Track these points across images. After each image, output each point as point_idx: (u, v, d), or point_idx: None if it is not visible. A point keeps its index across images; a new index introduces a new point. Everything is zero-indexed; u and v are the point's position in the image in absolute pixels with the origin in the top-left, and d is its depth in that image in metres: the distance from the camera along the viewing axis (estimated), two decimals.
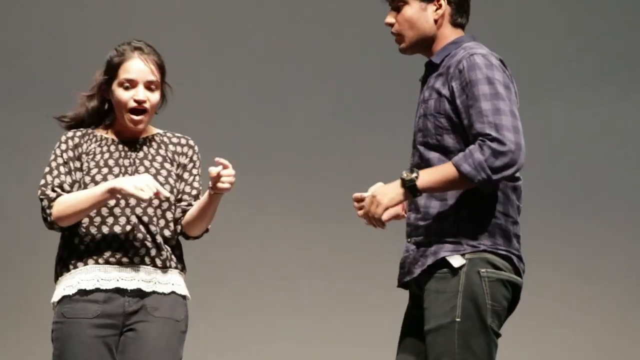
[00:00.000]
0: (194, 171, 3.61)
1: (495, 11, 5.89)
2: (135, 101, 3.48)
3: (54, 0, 5.93)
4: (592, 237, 5.94)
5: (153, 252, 3.47)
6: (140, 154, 3.55)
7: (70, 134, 3.56)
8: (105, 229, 3.45)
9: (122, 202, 3.47)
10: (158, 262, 3.48)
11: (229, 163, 3.40)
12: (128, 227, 3.45)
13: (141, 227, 3.46)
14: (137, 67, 3.49)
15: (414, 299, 3.33)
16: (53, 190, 3.45)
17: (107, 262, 3.44)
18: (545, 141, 5.87)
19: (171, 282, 3.50)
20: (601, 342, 5.87)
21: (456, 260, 3.18)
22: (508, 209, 3.24)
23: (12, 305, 5.71)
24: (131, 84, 3.49)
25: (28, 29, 5.86)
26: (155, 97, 3.52)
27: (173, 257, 3.53)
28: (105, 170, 3.49)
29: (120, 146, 3.55)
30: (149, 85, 3.50)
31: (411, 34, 3.36)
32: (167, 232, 3.51)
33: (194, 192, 3.58)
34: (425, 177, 3.15)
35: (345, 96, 6.00)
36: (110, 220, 3.46)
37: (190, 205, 3.55)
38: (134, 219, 3.46)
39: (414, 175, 3.14)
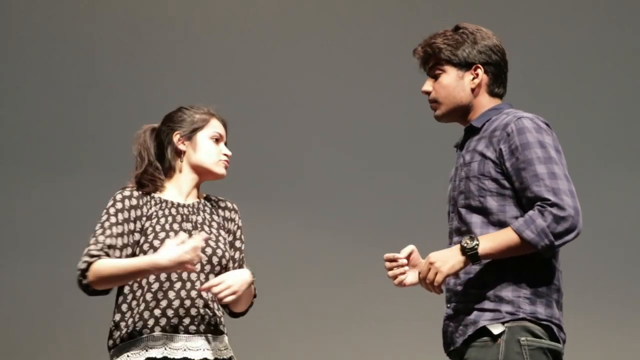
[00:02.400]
0: (243, 237, 3.66)
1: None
2: (224, 154, 3.61)
3: None
4: None
5: (213, 319, 3.46)
6: (199, 219, 3.56)
7: (127, 192, 3.53)
8: (171, 294, 3.41)
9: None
10: (218, 329, 3.47)
11: (213, 283, 3.39)
12: (193, 294, 3.43)
13: (202, 294, 3.44)
14: (221, 126, 3.65)
15: None
16: (101, 250, 3.38)
17: (175, 331, 3.40)
18: None
19: (227, 347, 3.50)
20: None
21: (496, 328, 3.16)
22: (551, 275, 3.23)
23: None
24: (220, 138, 3.62)
25: None
26: None
27: (223, 321, 3.52)
28: (172, 234, 3.46)
29: (180, 209, 3.55)
30: (225, 144, 3.67)
31: (448, 102, 3.37)
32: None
33: (242, 260, 3.65)
34: (487, 244, 3.13)
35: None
36: (177, 285, 3.42)
37: None
38: (197, 285, 3.43)
39: (475, 243, 3.13)
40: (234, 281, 3.37)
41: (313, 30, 6.15)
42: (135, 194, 3.53)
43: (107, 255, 3.39)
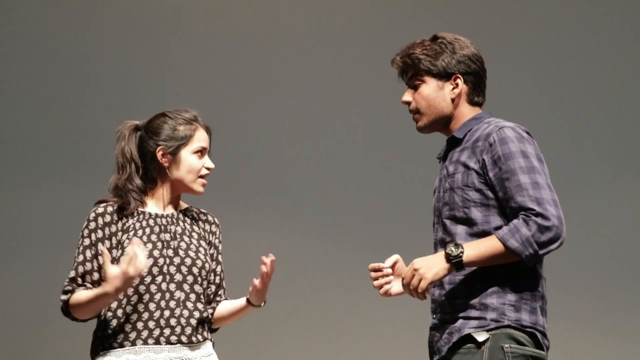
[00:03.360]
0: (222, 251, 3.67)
1: None
2: (207, 168, 3.57)
3: None
4: None
5: (196, 328, 3.47)
6: (179, 229, 3.54)
7: (100, 209, 3.51)
8: (152, 306, 3.43)
9: (159, 279, 3.45)
10: (201, 336, 3.49)
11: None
12: (172, 304, 3.44)
13: (185, 304, 3.46)
14: (205, 137, 3.59)
15: None
16: (73, 283, 3.45)
17: (157, 342, 3.42)
18: None
19: (211, 353, 3.51)
20: None
21: (480, 336, 3.19)
22: (535, 282, 3.26)
23: None
24: (203, 152, 3.56)
25: None
26: None
27: (207, 328, 3.54)
28: (149, 246, 3.47)
29: (158, 220, 3.53)
30: (208, 153, 3.61)
31: (429, 113, 3.38)
32: (200, 306, 3.51)
33: (222, 274, 3.64)
34: (471, 252, 3.16)
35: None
36: (157, 296, 3.44)
37: (218, 289, 3.59)
38: (177, 295, 3.45)
39: (460, 250, 3.16)
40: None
41: (305, 30, 6.16)
42: (110, 209, 3.50)
43: (83, 284, 3.44)
